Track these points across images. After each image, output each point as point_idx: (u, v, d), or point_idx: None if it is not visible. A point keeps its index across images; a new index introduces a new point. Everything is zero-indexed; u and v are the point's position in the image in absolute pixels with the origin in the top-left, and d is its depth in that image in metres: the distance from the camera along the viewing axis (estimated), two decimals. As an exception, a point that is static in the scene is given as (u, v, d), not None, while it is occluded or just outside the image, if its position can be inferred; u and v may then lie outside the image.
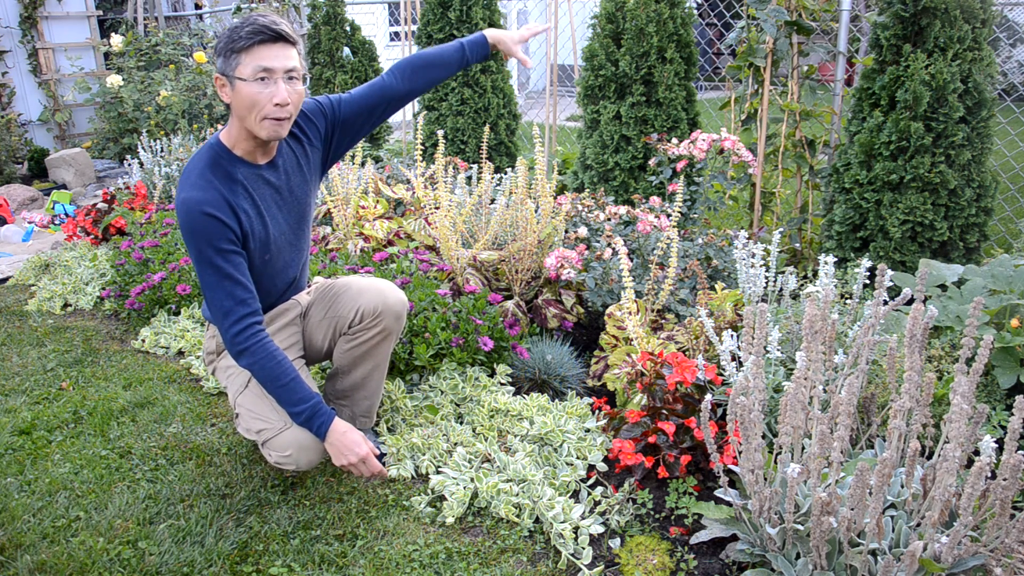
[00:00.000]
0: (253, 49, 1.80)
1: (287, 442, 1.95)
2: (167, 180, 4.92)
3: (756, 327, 1.83)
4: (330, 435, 1.92)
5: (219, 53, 1.85)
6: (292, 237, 2.09)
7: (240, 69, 1.82)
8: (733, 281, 2.98)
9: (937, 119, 2.90)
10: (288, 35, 1.85)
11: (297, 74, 1.87)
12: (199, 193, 1.84)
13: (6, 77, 7.34)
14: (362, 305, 2.13)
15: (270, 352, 1.89)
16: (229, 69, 1.83)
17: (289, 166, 2.05)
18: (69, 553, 1.90)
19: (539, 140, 3.07)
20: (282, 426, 1.96)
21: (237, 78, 1.83)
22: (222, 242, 1.85)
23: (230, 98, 1.87)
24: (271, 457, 1.98)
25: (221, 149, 1.93)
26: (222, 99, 1.88)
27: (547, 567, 1.85)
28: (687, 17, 3.99)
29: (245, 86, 1.82)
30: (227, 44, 1.82)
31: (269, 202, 2.00)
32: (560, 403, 2.48)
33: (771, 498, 1.65)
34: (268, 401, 1.99)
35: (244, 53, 1.81)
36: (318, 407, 1.92)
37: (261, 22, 1.81)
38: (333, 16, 5.80)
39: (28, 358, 3.11)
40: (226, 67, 1.84)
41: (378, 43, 6.15)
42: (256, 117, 1.85)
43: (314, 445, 1.96)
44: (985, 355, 1.61)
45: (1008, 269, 2.55)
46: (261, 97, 1.82)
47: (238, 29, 1.82)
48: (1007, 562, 1.52)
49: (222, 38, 1.84)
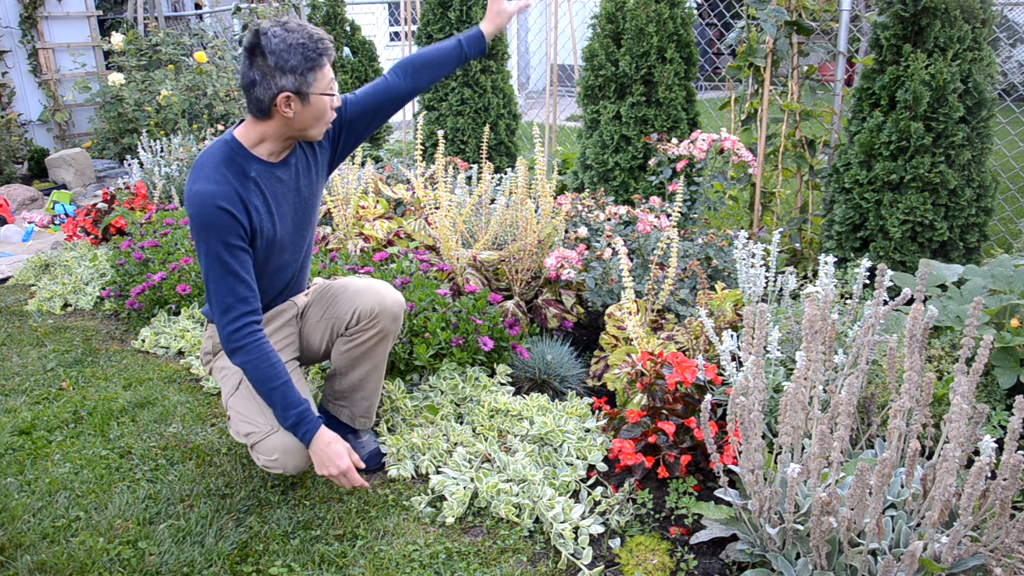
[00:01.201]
0: (325, 64, 1.87)
1: (273, 446, 1.95)
2: (167, 180, 4.92)
3: (756, 327, 1.83)
4: (315, 443, 1.92)
5: (291, 71, 1.82)
6: (295, 236, 2.10)
7: (317, 85, 1.87)
8: (733, 281, 2.98)
9: (937, 119, 2.90)
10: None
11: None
12: (214, 186, 1.85)
13: (6, 77, 7.33)
14: (359, 307, 2.13)
15: (264, 353, 1.89)
16: (306, 87, 1.85)
17: (300, 165, 2.08)
18: (69, 553, 1.90)
19: (539, 140, 3.07)
20: (269, 430, 1.95)
21: (314, 94, 1.87)
22: (232, 237, 1.86)
23: (295, 112, 1.88)
24: (259, 460, 1.99)
25: (236, 146, 1.94)
26: (284, 114, 1.88)
27: (547, 567, 1.85)
28: (687, 17, 3.99)
29: (320, 100, 1.89)
30: (301, 63, 1.82)
31: (280, 199, 2.01)
32: (560, 403, 2.48)
33: (771, 498, 1.65)
34: (256, 404, 1.99)
35: (318, 70, 1.86)
36: (304, 414, 1.92)
37: (322, 39, 1.86)
38: (333, 16, 5.80)
39: (28, 358, 3.11)
40: (302, 84, 1.84)
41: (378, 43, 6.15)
42: (319, 123, 1.93)
43: (300, 450, 1.96)
44: (985, 355, 1.61)
45: (1008, 269, 2.55)
46: (329, 107, 1.92)
47: (306, 47, 1.82)
48: (1007, 562, 1.52)
49: (288, 54, 1.81)
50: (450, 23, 4.87)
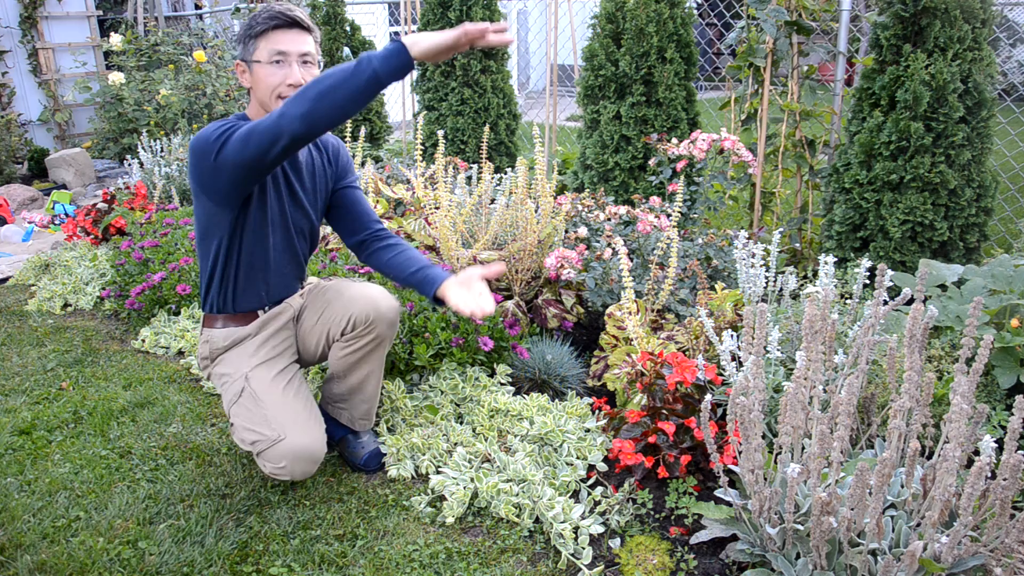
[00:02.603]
0: (269, 34, 1.90)
1: (281, 454, 1.93)
2: (167, 180, 4.92)
3: (756, 327, 1.83)
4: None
5: (239, 41, 1.94)
6: (287, 237, 2.09)
7: (257, 53, 1.91)
8: (733, 281, 2.98)
9: (937, 119, 2.90)
10: (303, 21, 1.93)
11: (312, 59, 1.95)
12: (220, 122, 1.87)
13: (6, 77, 7.33)
14: (354, 313, 2.10)
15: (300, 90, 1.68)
16: (247, 54, 1.93)
17: (307, 169, 2.10)
18: (69, 553, 1.90)
19: (539, 140, 3.07)
20: (275, 437, 1.94)
21: (254, 61, 1.91)
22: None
23: (249, 83, 1.95)
24: (266, 468, 1.97)
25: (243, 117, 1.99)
26: (243, 85, 1.98)
27: (547, 567, 1.85)
28: (687, 17, 3.99)
29: (261, 68, 1.91)
30: (246, 31, 1.92)
31: (280, 184, 2.03)
32: (560, 403, 2.48)
33: (771, 498, 1.65)
34: (261, 412, 1.97)
35: (261, 38, 1.90)
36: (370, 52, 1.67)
37: (277, 8, 1.90)
38: (333, 16, 5.80)
39: (28, 358, 3.11)
40: (245, 52, 1.93)
41: (378, 43, 6.16)
42: (273, 95, 1.92)
43: (308, 456, 1.95)
44: (985, 355, 1.61)
45: (1008, 269, 2.55)
46: (275, 78, 1.91)
47: (255, 16, 1.91)
48: (1007, 562, 1.52)
49: (242, 27, 1.93)
50: (450, 23, 4.87)
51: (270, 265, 2.09)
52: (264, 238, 2.03)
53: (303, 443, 1.95)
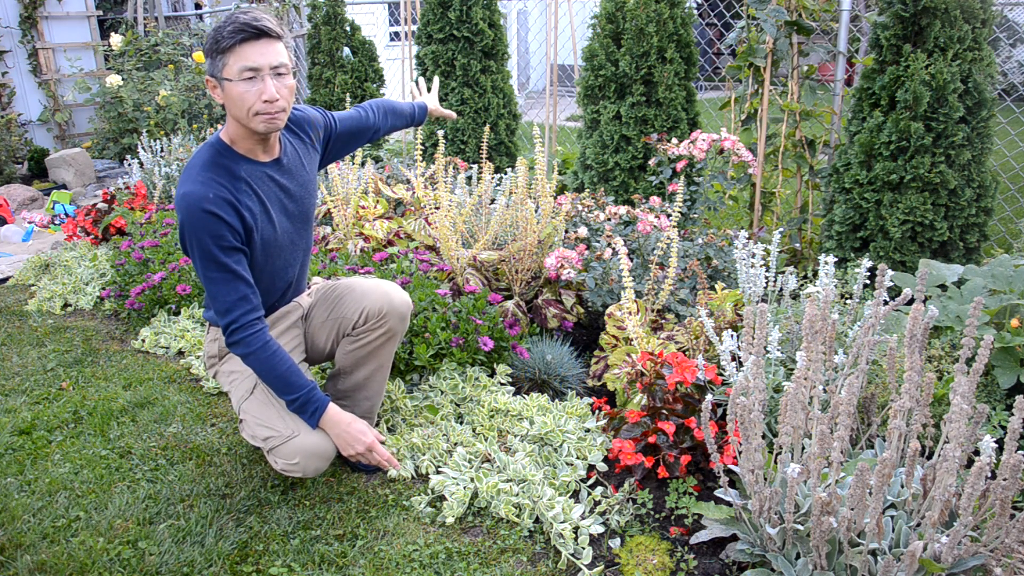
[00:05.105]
0: (237, 48, 1.78)
1: (294, 450, 1.94)
2: (167, 180, 4.92)
3: (756, 327, 1.83)
4: (334, 425, 1.97)
5: (206, 55, 1.83)
6: (295, 236, 2.10)
7: (227, 70, 1.81)
8: (733, 281, 2.98)
9: (937, 119, 2.90)
10: (271, 30, 1.82)
11: (286, 69, 1.86)
12: (200, 188, 1.83)
13: (6, 77, 7.33)
14: (367, 307, 2.13)
15: (265, 342, 1.91)
16: (216, 70, 1.83)
17: (294, 165, 2.07)
18: (69, 553, 1.90)
19: (539, 140, 3.07)
20: (289, 434, 1.95)
21: (224, 79, 1.82)
22: (223, 236, 1.85)
23: (222, 99, 1.87)
24: (277, 464, 1.98)
25: (222, 147, 1.93)
26: (215, 100, 1.89)
27: (547, 567, 1.85)
28: (687, 17, 3.99)
29: (233, 86, 1.81)
30: (212, 45, 1.80)
31: (274, 200, 2.00)
32: (560, 403, 2.48)
33: (771, 498, 1.65)
34: (275, 408, 1.99)
35: (229, 53, 1.79)
36: (311, 394, 1.95)
37: (242, 20, 1.78)
38: (333, 16, 5.80)
39: (28, 358, 3.11)
40: (213, 68, 1.83)
41: (378, 43, 6.15)
42: (249, 113, 1.84)
43: (321, 453, 1.97)
44: (985, 355, 1.61)
45: (1008, 269, 2.55)
46: (249, 96, 1.81)
47: (220, 29, 1.79)
48: (1007, 562, 1.52)
49: (208, 39, 1.82)
50: (450, 23, 4.86)
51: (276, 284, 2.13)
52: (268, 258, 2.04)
53: (316, 439, 1.97)
